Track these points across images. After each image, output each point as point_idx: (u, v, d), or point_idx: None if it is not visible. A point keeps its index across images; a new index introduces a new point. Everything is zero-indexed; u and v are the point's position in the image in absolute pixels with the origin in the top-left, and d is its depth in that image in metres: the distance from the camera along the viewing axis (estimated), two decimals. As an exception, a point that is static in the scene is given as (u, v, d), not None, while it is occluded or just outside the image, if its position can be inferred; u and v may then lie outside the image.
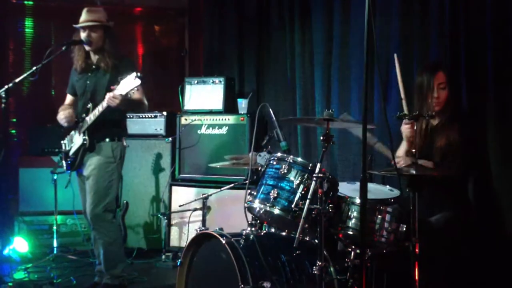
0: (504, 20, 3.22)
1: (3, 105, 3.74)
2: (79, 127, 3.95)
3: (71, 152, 4.01)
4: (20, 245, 5.03)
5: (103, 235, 3.94)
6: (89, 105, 3.90)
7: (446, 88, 3.21)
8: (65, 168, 4.07)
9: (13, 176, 5.23)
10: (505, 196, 3.23)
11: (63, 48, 3.97)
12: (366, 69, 2.37)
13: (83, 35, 3.94)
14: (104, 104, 3.74)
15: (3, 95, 3.72)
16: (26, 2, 5.82)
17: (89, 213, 3.92)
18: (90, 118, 3.86)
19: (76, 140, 3.97)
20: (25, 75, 3.88)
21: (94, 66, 4.00)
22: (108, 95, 3.69)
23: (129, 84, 3.59)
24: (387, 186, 3.25)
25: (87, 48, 3.98)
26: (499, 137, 3.27)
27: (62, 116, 3.98)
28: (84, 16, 3.96)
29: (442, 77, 3.22)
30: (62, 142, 4.13)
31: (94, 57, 4.01)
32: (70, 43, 4.00)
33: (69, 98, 4.22)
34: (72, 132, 4.03)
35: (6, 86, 3.73)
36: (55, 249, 4.90)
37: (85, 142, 3.89)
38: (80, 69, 4.04)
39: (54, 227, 4.93)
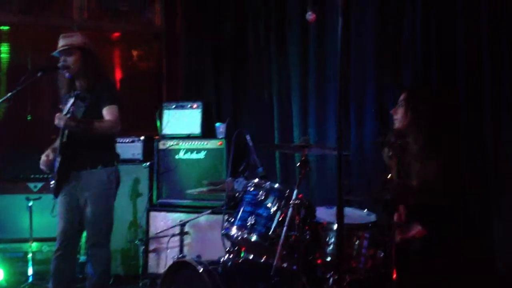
0: (476, 47, 3.29)
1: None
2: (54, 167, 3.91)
3: (52, 178, 3.95)
4: (-6, 273, 4.93)
5: (99, 263, 3.88)
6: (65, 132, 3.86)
7: (404, 106, 3.26)
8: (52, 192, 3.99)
9: (-13, 203, 5.14)
10: (482, 224, 3.26)
11: (39, 74, 3.93)
12: (340, 95, 2.40)
13: (60, 60, 3.92)
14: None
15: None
16: (2, 27, 5.78)
17: (88, 240, 3.88)
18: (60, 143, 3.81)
19: (56, 165, 3.91)
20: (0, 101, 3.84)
21: (76, 92, 3.96)
22: (56, 116, 3.70)
23: (70, 101, 3.60)
24: (365, 210, 3.27)
25: (65, 74, 3.94)
26: (472, 158, 3.31)
27: (42, 165, 3.94)
28: (59, 42, 3.94)
29: (403, 95, 3.29)
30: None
31: (76, 83, 3.98)
32: (46, 69, 3.97)
33: None
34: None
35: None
36: (30, 277, 4.80)
37: (57, 166, 3.82)
38: (64, 95, 4.00)
39: (29, 255, 4.83)
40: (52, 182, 3.93)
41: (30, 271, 4.81)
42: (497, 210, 3.12)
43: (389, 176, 2.85)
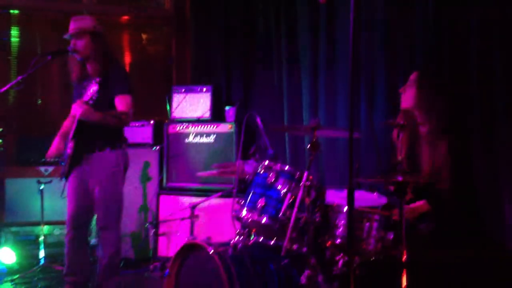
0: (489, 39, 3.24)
1: (-12, 115, 3.73)
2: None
3: (64, 161, 3.98)
4: (6, 256, 4.97)
5: (108, 244, 3.91)
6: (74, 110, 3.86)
7: (413, 86, 3.23)
8: (62, 175, 4.02)
9: (-1, 187, 5.18)
10: (490, 207, 3.24)
11: (49, 58, 3.94)
12: (352, 76, 2.38)
13: (71, 44, 3.92)
14: (76, 119, 3.74)
15: (-11, 105, 3.71)
16: (12, 11, 5.79)
17: (98, 223, 3.90)
18: (73, 127, 3.82)
19: (68, 149, 3.94)
20: (9, 85, 3.85)
21: (87, 76, 3.97)
22: (74, 105, 3.71)
23: (90, 90, 3.60)
24: (376, 192, 3.26)
25: (77, 57, 3.95)
26: (484, 148, 3.28)
27: (49, 155, 3.98)
28: (70, 25, 3.94)
29: (414, 75, 3.26)
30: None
31: (87, 66, 3.99)
32: (56, 52, 3.98)
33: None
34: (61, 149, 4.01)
35: (-9, 96, 3.71)
36: (42, 259, 4.86)
37: (71, 151, 3.86)
38: (76, 79, 4.01)
39: (41, 238, 4.88)
40: (63, 164, 3.95)
41: (41, 254, 4.87)
42: (509, 194, 3.10)
43: (399, 158, 2.83)
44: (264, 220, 2.86)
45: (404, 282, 2.65)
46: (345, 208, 2.85)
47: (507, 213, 3.10)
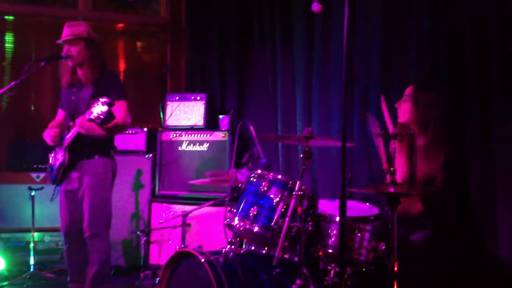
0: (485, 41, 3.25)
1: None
2: (61, 143, 3.91)
3: (54, 167, 3.96)
4: (-4, 262, 4.94)
5: (98, 251, 3.88)
6: (71, 123, 3.86)
7: (409, 101, 3.24)
8: (50, 182, 4.01)
9: (-10, 192, 5.15)
10: (486, 217, 3.24)
11: (43, 64, 3.93)
12: (345, 85, 2.39)
13: (64, 49, 3.92)
14: (75, 130, 3.74)
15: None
16: (6, 17, 5.78)
17: (86, 229, 3.86)
18: (70, 137, 3.82)
19: (59, 156, 3.93)
20: (3, 90, 3.84)
21: (79, 81, 3.96)
22: (78, 120, 3.68)
23: (98, 109, 3.53)
24: (367, 203, 3.26)
25: (69, 63, 3.95)
26: (479, 158, 3.28)
27: (48, 136, 3.93)
28: (64, 31, 3.94)
29: (409, 90, 3.27)
30: (49, 155, 4.07)
31: (79, 72, 3.98)
32: (50, 58, 3.97)
33: (60, 114, 4.16)
34: (57, 147, 3.99)
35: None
36: (32, 266, 4.83)
37: (64, 160, 3.85)
38: (66, 84, 4.01)
39: (31, 244, 4.85)
40: (50, 170, 3.94)
41: (31, 261, 4.83)
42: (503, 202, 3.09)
43: (392, 169, 2.83)
44: (256, 229, 2.86)
45: (395, 293, 2.65)
46: (337, 218, 2.85)
47: (500, 222, 3.09)
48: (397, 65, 3.85)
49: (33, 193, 4.81)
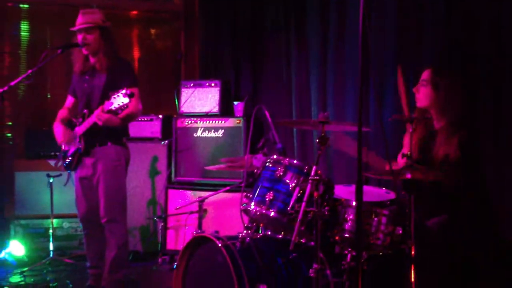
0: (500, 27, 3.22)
1: (-2, 108, 3.77)
2: (74, 136, 3.95)
3: (68, 153, 4.00)
4: (16, 248, 5.02)
5: (116, 236, 3.93)
6: (85, 111, 3.90)
7: (428, 86, 3.21)
8: (64, 168, 4.05)
9: (9, 180, 5.21)
10: (503, 202, 3.22)
11: (59, 52, 3.96)
12: (361, 72, 2.38)
13: (79, 37, 3.93)
14: (91, 119, 3.77)
15: (-1, 99, 3.73)
16: (22, 6, 5.81)
17: (103, 215, 3.91)
18: (85, 125, 3.85)
19: (73, 143, 3.97)
20: (19, 78, 3.88)
21: (91, 69, 3.99)
22: (96, 112, 3.72)
23: (118, 101, 3.56)
24: (383, 188, 3.26)
25: (84, 51, 3.97)
26: (495, 142, 3.26)
27: (60, 135, 4.00)
28: (80, 18, 3.95)
29: (426, 74, 3.24)
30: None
31: (92, 59, 4.01)
32: (66, 46, 3.99)
33: (69, 100, 4.19)
34: (71, 135, 4.02)
35: (1, 90, 3.73)
36: (51, 252, 4.90)
37: (79, 147, 3.89)
38: (79, 71, 4.03)
39: (50, 231, 4.92)
40: (65, 156, 3.98)
41: (51, 247, 4.91)
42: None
43: (408, 153, 2.82)
44: (272, 213, 2.87)
45: (412, 277, 2.65)
46: (354, 203, 2.85)
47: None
48: (413, 49, 3.83)
49: (51, 180, 4.87)
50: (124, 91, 3.55)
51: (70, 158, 3.98)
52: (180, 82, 5.37)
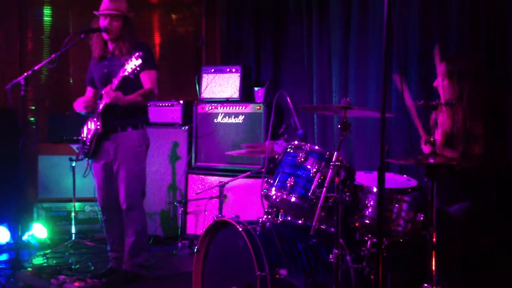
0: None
1: (22, 92, 3.80)
2: (93, 114, 3.97)
3: (87, 141, 4.02)
4: (39, 231, 5.09)
5: (135, 223, 3.97)
6: (102, 92, 3.91)
7: (446, 78, 3.16)
8: (82, 156, 4.09)
9: (32, 163, 5.27)
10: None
11: (82, 36, 3.99)
12: (385, 56, 2.35)
13: (103, 22, 3.93)
14: (103, 100, 3.79)
15: (22, 83, 3.78)
16: (44, -9, 5.86)
17: (123, 202, 3.95)
18: (102, 105, 3.86)
19: (91, 127, 3.99)
20: (43, 63, 3.92)
21: (110, 54, 4.01)
22: (106, 89, 3.74)
23: (131, 64, 3.63)
24: (405, 175, 3.24)
25: (105, 36, 3.98)
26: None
27: (80, 102, 3.98)
28: (106, 3, 3.95)
29: (443, 68, 3.18)
30: (81, 129, 4.14)
31: (111, 46, 4.02)
32: (89, 30, 4.01)
33: (89, 91, 4.21)
34: (89, 120, 4.05)
35: (25, 74, 3.78)
36: (73, 235, 4.98)
37: (98, 128, 3.90)
38: (98, 56, 4.04)
39: (73, 214, 4.99)
40: (84, 143, 4.01)
41: (73, 230, 4.98)
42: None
43: (432, 139, 2.79)
44: (293, 199, 2.87)
45: (433, 264, 2.64)
46: (375, 189, 2.83)
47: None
48: (437, 34, 3.77)
49: (73, 164, 4.93)
50: (136, 54, 3.61)
51: (88, 144, 3.98)
52: (201, 67, 5.38)
